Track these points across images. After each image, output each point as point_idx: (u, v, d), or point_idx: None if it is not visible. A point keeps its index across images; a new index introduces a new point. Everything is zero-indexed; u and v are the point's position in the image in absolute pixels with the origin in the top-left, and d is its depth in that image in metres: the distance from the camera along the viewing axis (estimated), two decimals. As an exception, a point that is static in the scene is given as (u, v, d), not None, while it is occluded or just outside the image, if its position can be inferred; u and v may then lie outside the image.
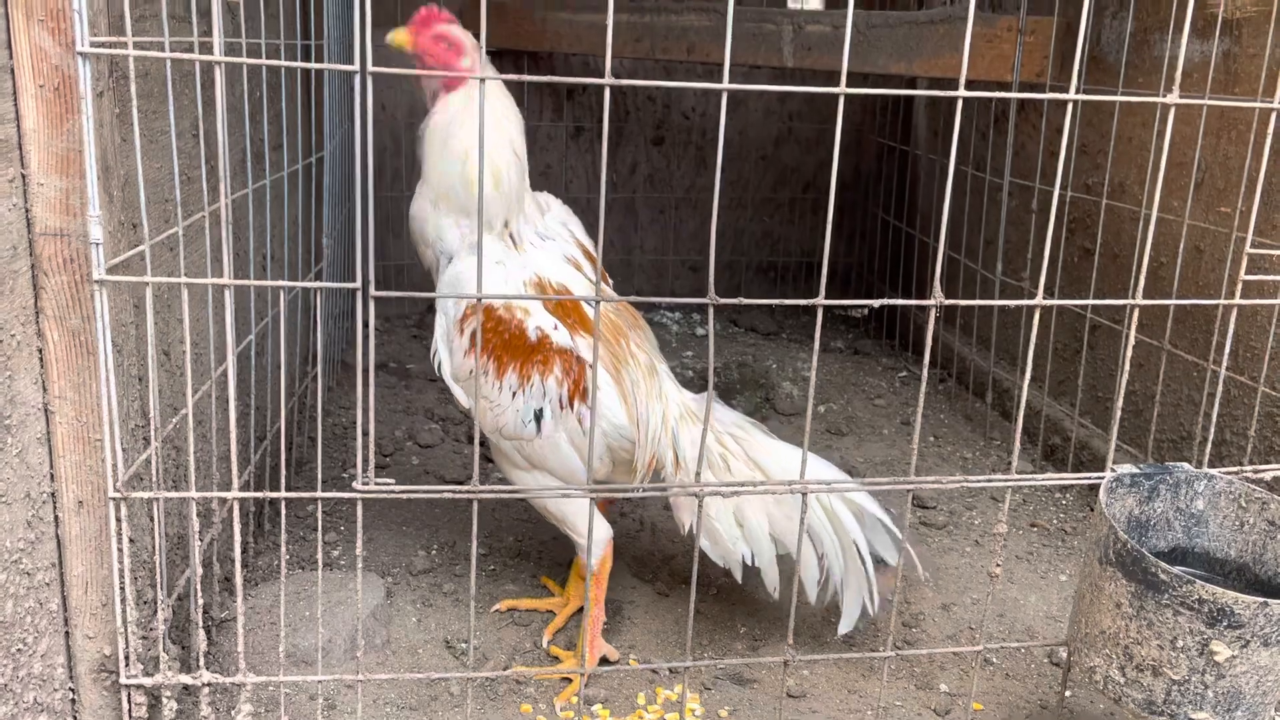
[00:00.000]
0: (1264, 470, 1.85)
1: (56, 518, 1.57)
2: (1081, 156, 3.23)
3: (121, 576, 1.59)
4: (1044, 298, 3.29)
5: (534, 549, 2.67)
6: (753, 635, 2.37)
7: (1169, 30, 2.82)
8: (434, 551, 2.63)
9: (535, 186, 2.32)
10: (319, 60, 3.02)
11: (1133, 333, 1.75)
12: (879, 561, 2.21)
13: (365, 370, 1.48)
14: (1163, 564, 1.58)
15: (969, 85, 3.72)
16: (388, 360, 4.06)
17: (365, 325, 1.47)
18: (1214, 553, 1.84)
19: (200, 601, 1.68)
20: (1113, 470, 1.79)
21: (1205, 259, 2.69)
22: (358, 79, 1.44)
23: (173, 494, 1.60)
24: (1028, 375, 1.73)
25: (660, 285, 5.02)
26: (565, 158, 4.80)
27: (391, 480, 1.58)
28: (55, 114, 1.46)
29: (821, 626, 2.40)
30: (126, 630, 1.61)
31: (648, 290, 5.02)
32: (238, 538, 1.60)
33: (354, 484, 1.57)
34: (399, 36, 2.15)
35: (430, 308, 4.78)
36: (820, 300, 1.66)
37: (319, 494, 1.59)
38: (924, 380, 1.66)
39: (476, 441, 1.57)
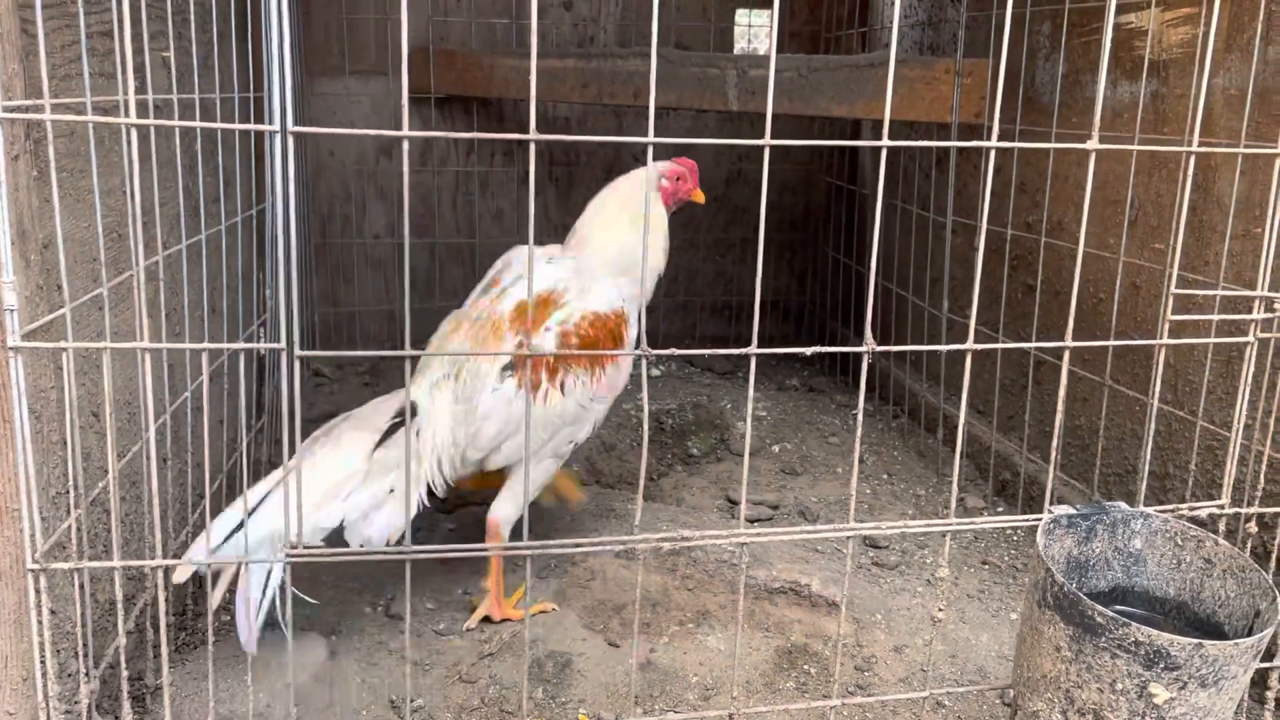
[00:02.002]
0: (1199, 508, 1.86)
1: (-27, 591, 1.53)
2: (1021, 195, 3.28)
3: (42, 650, 1.54)
4: (989, 336, 3.32)
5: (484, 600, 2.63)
6: (704, 684, 2.34)
7: (1099, 71, 2.88)
8: (380, 608, 2.58)
9: (488, 232, 2.36)
10: (259, 113, 3.01)
11: (1065, 373, 1.76)
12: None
13: (291, 432, 1.46)
14: (1099, 606, 1.58)
15: (910, 126, 3.78)
16: (338, 409, 4.00)
17: (290, 386, 1.46)
18: (1153, 591, 1.84)
19: (126, 673, 1.63)
20: (1050, 511, 1.80)
21: (1142, 295, 2.73)
22: (278, 138, 1.43)
23: (95, 564, 1.56)
24: (963, 413, 1.73)
25: (615, 327, 5.01)
26: (517, 203, 4.80)
27: (321, 542, 1.56)
28: (-33, 180, 1.43)
29: (774, 674, 2.38)
30: (49, 706, 1.56)
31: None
32: (163, 606, 1.56)
33: (282, 550, 1.54)
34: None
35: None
36: (754, 350, 1.66)
37: (245, 559, 1.56)
38: (859, 423, 1.66)
39: (408, 500, 1.55)
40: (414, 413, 2.43)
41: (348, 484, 2.20)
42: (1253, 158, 2.30)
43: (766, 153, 1.58)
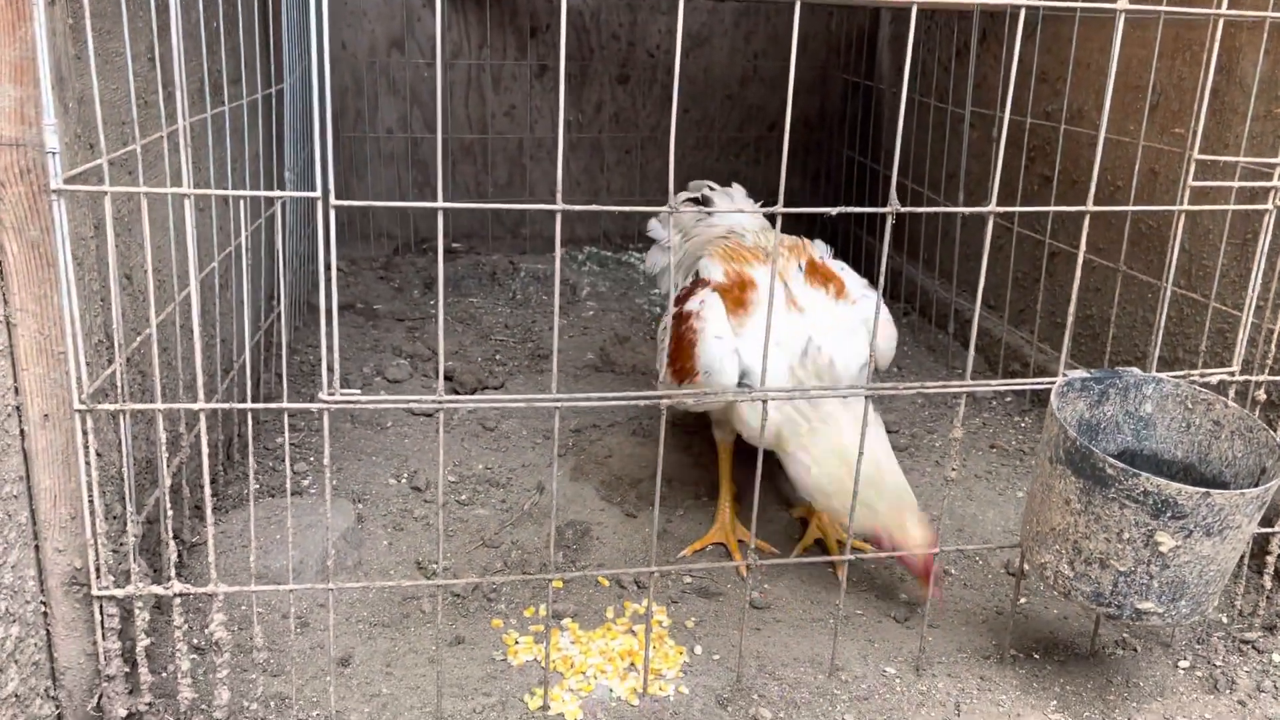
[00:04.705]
0: (1210, 374, 1.90)
1: (22, 431, 1.58)
2: (1041, 85, 3.26)
3: (90, 489, 1.60)
4: (1004, 226, 3.33)
5: (504, 476, 2.70)
6: (718, 552, 2.42)
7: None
8: (404, 480, 2.66)
9: (500, 128, 2.34)
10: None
11: (1084, 240, 1.79)
12: None
13: (328, 284, 1.50)
14: (1110, 458, 1.63)
15: (929, 16, 3.73)
16: (354, 301, 4.05)
17: (326, 231, 1.49)
18: (1161, 454, 1.90)
19: (170, 519, 1.70)
20: (1064, 375, 1.84)
21: (1160, 181, 2.73)
22: (313, -17, 1.44)
23: (139, 405, 1.61)
24: (983, 277, 1.76)
25: (627, 225, 5.02)
26: (530, 98, 4.77)
27: (357, 391, 1.60)
28: (7, 21, 1.44)
29: (784, 541, 2.46)
30: (96, 542, 1.62)
31: (614, 231, 5.02)
32: (205, 450, 1.62)
33: (320, 394, 1.59)
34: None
35: (397, 250, 4.77)
36: (779, 209, 1.68)
37: (285, 405, 1.61)
38: (880, 279, 1.69)
39: (442, 369, 1.59)
40: (708, 204, 2.84)
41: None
42: (1277, 37, 2.28)
43: (797, 7, 1.58)
